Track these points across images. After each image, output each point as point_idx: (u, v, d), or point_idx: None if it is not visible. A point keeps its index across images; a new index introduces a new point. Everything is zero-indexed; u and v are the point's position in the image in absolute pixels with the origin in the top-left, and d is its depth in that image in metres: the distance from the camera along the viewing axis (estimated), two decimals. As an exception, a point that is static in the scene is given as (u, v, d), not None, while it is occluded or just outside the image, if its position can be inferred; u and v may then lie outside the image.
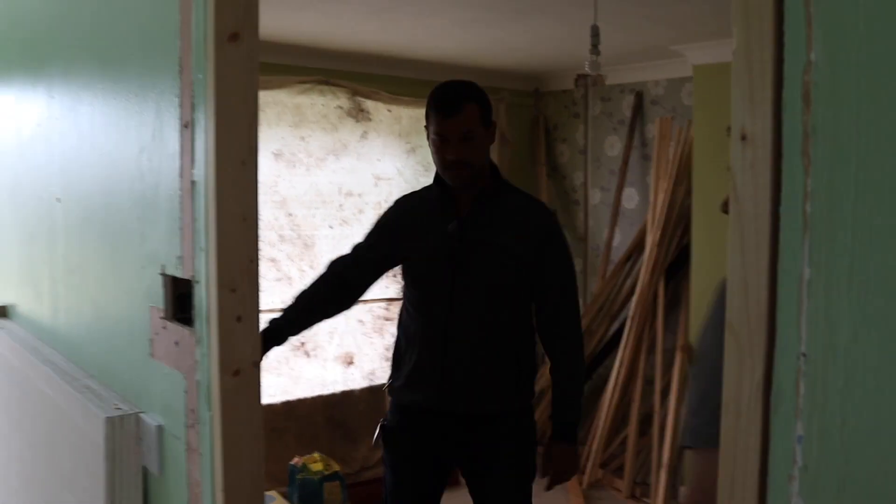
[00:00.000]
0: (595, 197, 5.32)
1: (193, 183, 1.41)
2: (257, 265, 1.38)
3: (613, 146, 5.18)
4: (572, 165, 5.44)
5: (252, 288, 1.38)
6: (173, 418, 1.55)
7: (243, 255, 1.36)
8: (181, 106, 1.47)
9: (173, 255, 1.50)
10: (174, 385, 1.52)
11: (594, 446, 4.66)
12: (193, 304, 1.44)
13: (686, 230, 4.63)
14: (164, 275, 1.55)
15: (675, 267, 4.68)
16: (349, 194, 4.66)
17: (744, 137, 0.60)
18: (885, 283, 0.53)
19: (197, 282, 1.42)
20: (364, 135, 4.73)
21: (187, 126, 1.43)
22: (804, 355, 0.57)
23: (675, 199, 4.56)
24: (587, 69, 2.79)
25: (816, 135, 0.56)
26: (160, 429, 1.60)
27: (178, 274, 1.49)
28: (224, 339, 1.35)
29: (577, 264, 5.44)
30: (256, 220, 1.38)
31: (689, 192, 4.49)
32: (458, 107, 2.22)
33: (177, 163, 1.47)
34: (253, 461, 1.39)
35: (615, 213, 5.11)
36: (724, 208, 1.37)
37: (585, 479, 4.58)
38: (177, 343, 1.50)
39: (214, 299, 1.35)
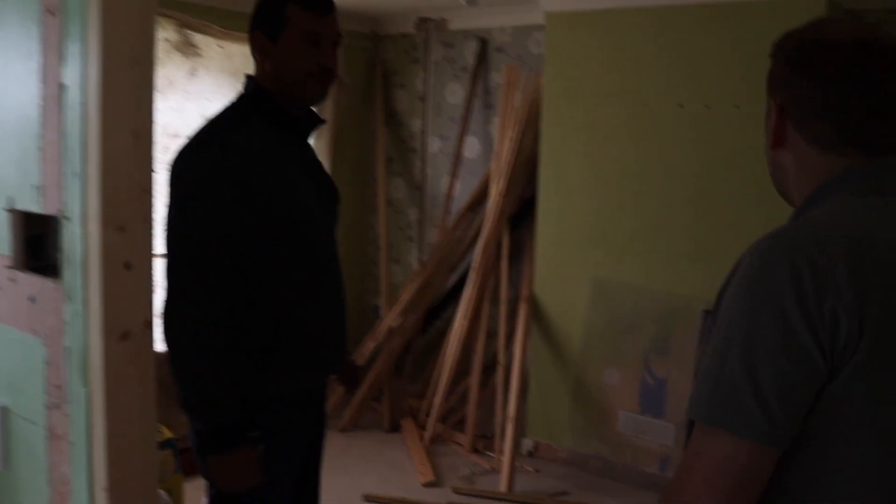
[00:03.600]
0: (433, 145, 5.14)
1: (62, 87, 1.06)
2: (151, 197, 1.06)
3: (455, 94, 5.00)
4: (410, 112, 5.22)
5: (145, 227, 1.05)
6: (26, 397, 1.19)
7: (134, 183, 1.04)
8: (39, -14, 1.10)
9: (27, 185, 1.14)
10: (27, 354, 1.17)
11: (435, 400, 4.53)
12: (61, 247, 1.09)
13: (530, 180, 4.55)
14: (11, 210, 1.18)
15: (519, 218, 4.60)
16: (176, 136, 4.20)
17: None
18: None
19: (67, 218, 1.07)
20: (193, 71, 4.27)
21: (53, 13, 1.07)
22: None
23: (521, 149, 4.46)
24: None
25: None
26: (5, 411, 1.24)
27: (36, 209, 1.13)
28: (109, 294, 1.02)
29: (414, 213, 5.26)
30: (151, 139, 1.05)
31: (535, 143, 4.41)
32: (332, 4, 1.90)
33: (35, 62, 1.10)
34: (146, 451, 1.08)
35: (456, 162, 4.96)
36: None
37: (427, 434, 4.45)
38: (32, 300, 1.15)
39: (96, 241, 1.01)
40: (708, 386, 0.96)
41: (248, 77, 1.88)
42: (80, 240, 1.05)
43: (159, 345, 1.13)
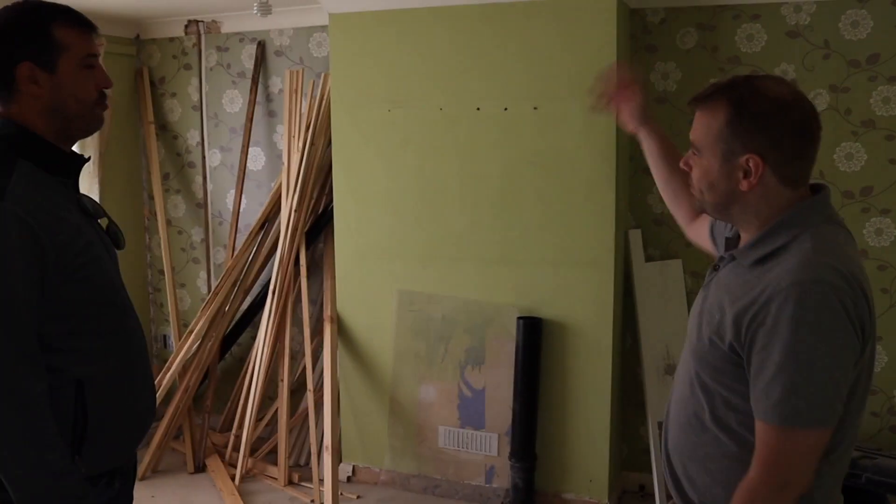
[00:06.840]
0: (214, 158, 4.75)
1: None
2: None
3: (233, 101, 4.64)
4: (185, 123, 4.78)
5: None
6: None
7: None
8: None
9: None
10: None
11: (243, 433, 4.19)
12: None
13: (323, 191, 4.31)
14: None
15: (315, 232, 4.34)
16: None
17: None
18: None
19: None
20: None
21: None
22: None
23: (312, 159, 4.20)
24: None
25: None
26: None
27: None
28: None
29: (198, 233, 4.85)
30: None
31: (327, 151, 4.17)
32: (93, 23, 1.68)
33: None
34: None
35: (241, 175, 4.61)
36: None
37: (238, 472, 4.11)
38: None
39: None
40: (801, 399, 1.35)
41: None
42: None
43: None
